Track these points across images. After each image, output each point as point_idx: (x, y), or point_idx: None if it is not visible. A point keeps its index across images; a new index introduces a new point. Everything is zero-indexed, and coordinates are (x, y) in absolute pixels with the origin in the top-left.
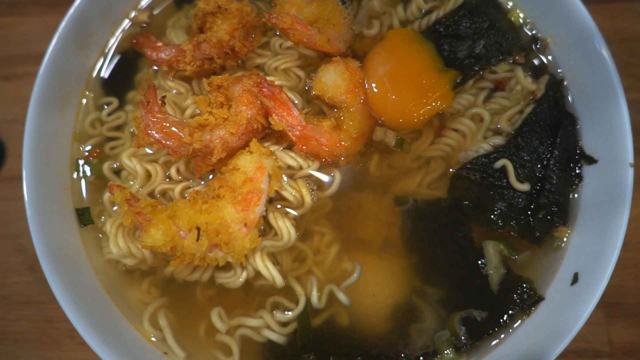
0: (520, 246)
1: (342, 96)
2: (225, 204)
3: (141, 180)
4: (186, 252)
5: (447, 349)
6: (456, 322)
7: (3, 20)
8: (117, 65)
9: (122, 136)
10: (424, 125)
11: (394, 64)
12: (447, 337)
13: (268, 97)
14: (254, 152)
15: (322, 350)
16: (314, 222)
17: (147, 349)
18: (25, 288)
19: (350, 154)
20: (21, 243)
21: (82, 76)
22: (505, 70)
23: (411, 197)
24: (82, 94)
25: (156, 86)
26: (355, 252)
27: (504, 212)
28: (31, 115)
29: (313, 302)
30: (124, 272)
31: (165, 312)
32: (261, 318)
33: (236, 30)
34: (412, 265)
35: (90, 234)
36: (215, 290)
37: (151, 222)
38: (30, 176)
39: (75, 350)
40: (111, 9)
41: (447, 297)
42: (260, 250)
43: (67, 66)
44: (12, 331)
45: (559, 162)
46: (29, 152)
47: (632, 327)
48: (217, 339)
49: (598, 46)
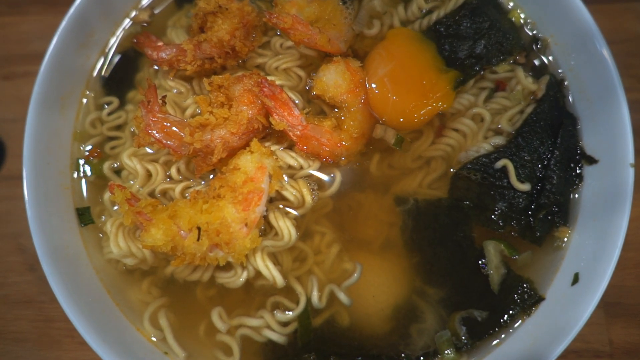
0: (520, 246)
1: (343, 96)
2: (225, 203)
3: (141, 179)
4: (187, 252)
5: (447, 349)
6: (457, 322)
7: (3, 20)
8: (117, 64)
9: (122, 136)
10: (424, 125)
11: (394, 65)
12: (448, 337)
13: (269, 97)
14: (255, 151)
15: (322, 350)
16: (314, 222)
17: (148, 349)
18: (25, 287)
19: (350, 154)
20: (21, 242)
21: (82, 76)
22: (506, 70)
23: (412, 197)
24: (82, 94)
25: (157, 86)
26: (355, 252)
27: (504, 212)
28: (31, 114)
29: (314, 302)
30: (125, 271)
31: (166, 311)
32: (262, 318)
33: (237, 29)
34: (413, 265)
35: (90, 234)
36: (215, 290)
37: (152, 222)
38: (30, 176)
39: (75, 350)
40: (111, 9)
41: (448, 297)
42: (261, 250)
43: (67, 65)
44: (12, 331)
45: (559, 162)
46: (30, 151)
47: (633, 327)
48: (218, 338)
49: (599, 46)
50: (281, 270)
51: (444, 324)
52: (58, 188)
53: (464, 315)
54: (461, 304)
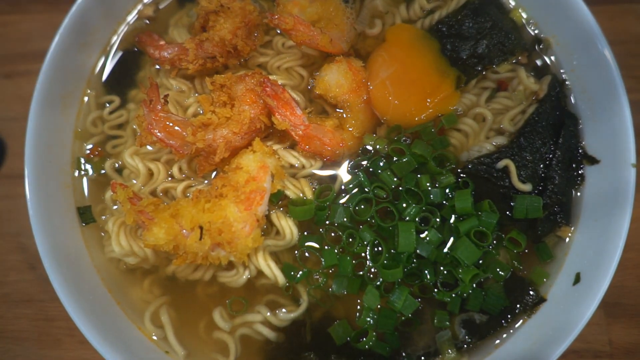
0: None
1: (345, 95)
2: (228, 203)
3: (143, 178)
4: (189, 251)
5: (448, 349)
6: (457, 324)
7: (4, 18)
8: (119, 63)
9: (124, 134)
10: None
11: (396, 68)
12: (449, 337)
13: (271, 97)
14: (257, 151)
15: (323, 350)
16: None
17: (149, 348)
18: (25, 286)
19: (352, 154)
20: (21, 241)
21: (83, 74)
22: (508, 70)
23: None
24: (83, 92)
25: (158, 85)
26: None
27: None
28: (33, 113)
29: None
30: (126, 270)
31: (167, 309)
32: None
33: (239, 29)
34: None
35: (92, 233)
36: (216, 288)
37: (154, 221)
38: (32, 174)
39: (76, 349)
40: (113, 7)
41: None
42: (263, 249)
43: (68, 64)
44: (12, 329)
45: (561, 162)
46: (31, 150)
47: (633, 328)
48: (217, 337)
49: (600, 47)
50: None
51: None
52: (59, 187)
53: (464, 318)
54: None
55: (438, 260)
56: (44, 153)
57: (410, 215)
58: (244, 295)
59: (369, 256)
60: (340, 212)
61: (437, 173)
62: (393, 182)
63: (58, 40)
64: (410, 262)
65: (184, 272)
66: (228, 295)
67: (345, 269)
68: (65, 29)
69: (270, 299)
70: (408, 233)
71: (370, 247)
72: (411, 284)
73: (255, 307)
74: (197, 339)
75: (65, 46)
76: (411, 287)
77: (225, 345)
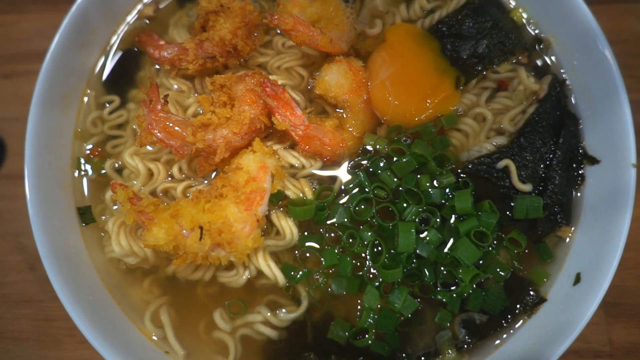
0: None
1: (345, 95)
2: (228, 203)
3: (143, 178)
4: (189, 251)
5: (449, 349)
6: (457, 324)
7: (4, 18)
8: (118, 63)
9: (123, 134)
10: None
11: (396, 68)
12: (449, 337)
13: (271, 97)
14: (257, 151)
15: (323, 349)
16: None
17: (148, 348)
18: (25, 287)
19: (352, 154)
20: (21, 241)
21: (83, 74)
22: (508, 70)
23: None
24: (83, 92)
25: (158, 85)
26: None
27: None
28: (33, 113)
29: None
30: (126, 270)
31: (167, 309)
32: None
33: (239, 28)
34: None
35: (91, 233)
36: (216, 288)
37: (154, 221)
38: (31, 175)
39: (76, 350)
40: (113, 7)
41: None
42: (263, 249)
43: (68, 64)
44: (12, 330)
45: (561, 162)
46: (31, 150)
47: (633, 327)
48: (217, 337)
49: (601, 47)
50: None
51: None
52: (59, 187)
53: (464, 318)
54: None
55: (438, 261)
56: (44, 153)
57: (410, 216)
58: (244, 296)
59: (369, 256)
60: (340, 212)
61: (438, 173)
62: (393, 182)
63: (58, 40)
64: (410, 263)
65: (184, 272)
66: (228, 296)
67: (345, 269)
68: (65, 28)
69: (270, 299)
70: (408, 233)
71: (370, 247)
72: (411, 284)
73: (256, 307)
74: (197, 339)
75: (65, 46)
76: (411, 288)
77: (225, 346)
